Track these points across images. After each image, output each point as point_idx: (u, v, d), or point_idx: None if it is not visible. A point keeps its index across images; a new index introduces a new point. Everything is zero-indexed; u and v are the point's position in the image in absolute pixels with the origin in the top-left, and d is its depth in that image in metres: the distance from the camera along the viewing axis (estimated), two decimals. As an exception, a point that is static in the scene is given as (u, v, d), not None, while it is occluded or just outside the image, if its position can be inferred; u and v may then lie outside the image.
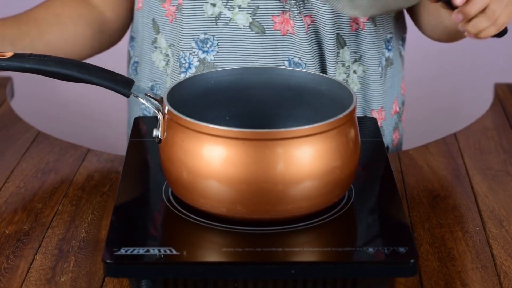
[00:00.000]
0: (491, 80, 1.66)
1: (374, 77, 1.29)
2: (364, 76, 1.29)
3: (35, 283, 0.98)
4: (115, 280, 0.98)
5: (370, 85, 1.29)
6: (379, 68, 1.29)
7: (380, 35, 1.28)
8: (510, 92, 1.52)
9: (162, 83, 1.31)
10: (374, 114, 1.31)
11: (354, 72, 1.28)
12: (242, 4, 1.21)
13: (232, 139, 0.91)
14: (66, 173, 1.22)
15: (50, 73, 0.97)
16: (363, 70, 1.28)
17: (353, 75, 1.28)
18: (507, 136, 1.34)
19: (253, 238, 0.93)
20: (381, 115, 1.32)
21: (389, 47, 1.31)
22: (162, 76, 1.31)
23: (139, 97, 0.99)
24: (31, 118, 1.51)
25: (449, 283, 0.98)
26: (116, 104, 1.97)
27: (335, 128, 0.94)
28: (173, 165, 0.96)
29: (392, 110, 1.36)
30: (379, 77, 1.29)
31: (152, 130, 0.99)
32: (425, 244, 1.05)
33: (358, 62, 1.28)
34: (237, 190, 0.92)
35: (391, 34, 1.31)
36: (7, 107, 1.44)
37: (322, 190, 0.94)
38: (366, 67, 1.28)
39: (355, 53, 1.27)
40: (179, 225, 0.96)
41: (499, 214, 1.12)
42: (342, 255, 0.90)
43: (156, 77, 1.32)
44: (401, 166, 1.24)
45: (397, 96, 1.37)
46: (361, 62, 1.28)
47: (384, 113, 1.33)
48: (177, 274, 0.90)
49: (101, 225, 1.09)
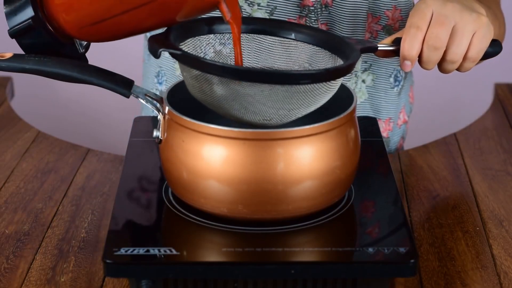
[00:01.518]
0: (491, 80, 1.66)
1: (384, 87, 1.29)
2: (373, 85, 1.28)
3: (35, 283, 0.98)
4: (115, 280, 0.98)
5: (380, 94, 1.29)
6: (390, 79, 1.29)
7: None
8: (510, 92, 1.52)
9: (167, 69, 1.31)
10: (380, 125, 1.30)
11: (363, 81, 1.28)
12: (262, 2, 1.21)
13: (232, 139, 0.91)
14: (66, 173, 1.22)
15: (50, 73, 0.97)
16: (372, 79, 1.28)
17: (361, 84, 1.28)
18: (507, 136, 1.34)
19: (253, 238, 0.93)
20: (388, 126, 1.32)
21: None
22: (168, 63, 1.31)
23: (139, 98, 0.99)
24: (31, 118, 1.51)
25: (449, 283, 0.98)
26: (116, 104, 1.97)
27: (335, 128, 0.94)
28: (173, 166, 0.96)
29: (399, 121, 1.35)
30: (389, 88, 1.29)
31: (152, 130, 0.99)
32: (425, 244, 1.05)
33: (368, 71, 1.27)
34: (237, 190, 0.92)
35: None
36: (7, 107, 1.44)
37: (322, 190, 0.95)
38: (376, 76, 1.28)
39: (365, 62, 1.27)
40: (179, 225, 0.96)
41: (499, 214, 1.12)
42: (342, 255, 0.90)
43: (163, 63, 1.32)
44: (401, 166, 1.24)
45: (405, 105, 1.36)
46: (371, 71, 1.27)
47: (392, 124, 1.33)
48: (177, 274, 0.90)
49: (101, 225, 1.09)
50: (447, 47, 1.02)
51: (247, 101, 0.92)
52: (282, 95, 0.91)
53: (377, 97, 1.29)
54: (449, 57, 1.02)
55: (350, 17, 1.22)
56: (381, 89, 1.29)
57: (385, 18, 1.24)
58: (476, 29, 1.01)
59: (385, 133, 1.32)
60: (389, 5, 1.24)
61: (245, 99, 0.92)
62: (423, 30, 1.00)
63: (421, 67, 1.04)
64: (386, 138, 1.33)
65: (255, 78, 0.89)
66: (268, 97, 0.91)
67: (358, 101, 1.28)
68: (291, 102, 0.92)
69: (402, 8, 1.25)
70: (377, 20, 1.24)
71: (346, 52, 0.98)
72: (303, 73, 0.90)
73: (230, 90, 0.92)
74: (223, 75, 0.90)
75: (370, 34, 1.25)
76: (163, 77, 1.33)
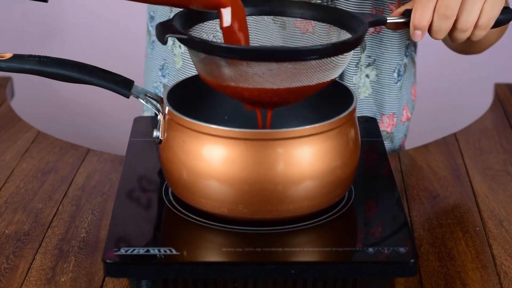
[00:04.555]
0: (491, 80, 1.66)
1: (388, 82, 1.29)
2: (377, 80, 1.28)
3: (35, 283, 0.98)
4: (115, 280, 0.98)
5: (383, 89, 1.29)
6: (393, 74, 1.29)
7: (402, 40, 1.28)
8: (510, 92, 1.52)
9: (170, 62, 1.31)
10: (384, 120, 1.30)
11: (366, 76, 1.28)
12: None
13: (233, 139, 0.91)
14: (66, 173, 1.22)
15: (50, 74, 0.97)
16: (376, 74, 1.28)
17: (365, 79, 1.28)
18: (507, 136, 1.34)
19: (253, 238, 0.93)
20: (392, 121, 1.32)
21: (406, 53, 1.31)
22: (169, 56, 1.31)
23: (139, 98, 0.99)
24: (31, 118, 1.51)
25: (449, 283, 0.98)
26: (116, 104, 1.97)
27: (336, 128, 0.94)
28: (173, 166, 0.96)
29: (403, 117, 1.35)
30: (393, 82, 1.29)
31: (152, 130, 0.99)
32: (425, 244, 1.05)
33: (372, 66, 1.27)
34: (238, 190, 0.92)
35: (409, 40, 1.31)
36: (7, 107, 1.44)
37: (323, 190, 0.95)
38: (379, 71, 1.28)
39: (369, 57, 1.27)
40: (179, 225, 0.96)
41: (499, 214, 1.12)
42: (342, 255, 0.90)
43: (166, 56, 1.32)
44: (401, 166, 1.24)
45: (407, 102, 1.36)
46: (374, 66, 1.27)
47: (396, 120, 1.33)
48: (177, 274, 0.90)
49: (101, 225, 1.09)
50: (457, 16, 1.01)
51: (256, 81, 0.92)
52: (290, 72, 0.91)
53: (381, 92, 1.29)
54: (460, 25, 1.02)
55: (355, 10, 1.21)
56: (385, 84, 1.29)
57: (388, 11, 1.24)
58: None
59: (389, 128, 1.32)
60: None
61: (254, 79, 0.92)
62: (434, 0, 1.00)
63: (431, 37, 1.03)
64: (390, 133, 1.33)
65: (262, 57, 0.89)
66: (277, 76, 0.91)
67: (362, 96, 1.28)
68: (300, 80, 0.92)
69: (405, 2, 1.25)
70: (380, 13, 1.24)
71: (354, 27, 0.98)
72: (311, 49, 0.90)
73: (239, 71, 0.91)
74: (230, 56, 0.90)
75: (373, 29, 1.25)
76: (166, 70, 1.33)
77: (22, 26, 2.27)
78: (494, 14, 1.02)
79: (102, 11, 2.29)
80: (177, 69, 1.31)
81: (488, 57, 2.14)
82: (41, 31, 2.29)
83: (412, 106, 1.38)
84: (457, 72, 2.28)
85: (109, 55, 2.25)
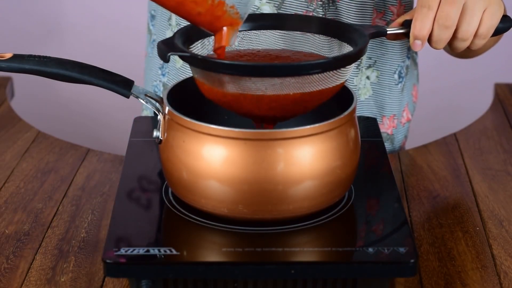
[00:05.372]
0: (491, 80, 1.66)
1: (389, 84, 1.29)
2: (377, 82, 1.28)
3: (35, 283, 0.98)
4: (115, 280, 0.98)
5: (384, 91, 1.29)
6: (394, 75, 1.29)
7: (403, 42, 1.28)
8: (510, 92, 1.52)
9: (170, 61, 1.32)
10: (385, 121, 1.30)
11: (367, 78, 1.28)
12: None
13: (233, 139, 0.91)
14: (66, 173, 1.22)
15: (50, 74, 0.97)
16: (376, 76, 1.28)
17: (365, 80, 1.28)
18: (507, 136, 1.34)
19: (253, 238, 0.93)
20: (392, 123, 1.32)
21: (408, 55, 1.31)
22: None
23: (139, 98, 0.99)
24: (31, 118, 1.51)
25: (449, 283, 0.98)
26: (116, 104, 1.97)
27: (335, 128, 0.94)
28: (173, 166, 0.96)
29: (403, 119, 1.35)
30: (394, 84, 1.29)
31: (152, 130, 0.99)
32: (425, 244, 1.05)
33: (373, 67, 1.27)
34: (238, 190, 0.92)
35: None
36: (7, 107, 1.44)
37: (323, 190, 0.95)
38: (380, 73, 1.28)
39: (370, 58, 1.27)
40: (179, 225, 0.96)
41: (499, 214, 1.12)
42: (342, 255, 0.90)
43: None
44: (401, 166, 1.24)
45: (408, 103, 1.36)
46: (375, 67, 1.27)
47: (396, 121, 1.33)
48: (177, 274, 0.90)
49: (101, 225, 1.09)
50: (457, 26, 1.01)
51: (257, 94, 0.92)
52: (293, 86, 0.91)
53: (381, 94, 1.29)
54: (460, 35, 1.02)
55: (356, 12, 1.22)
56: (385, 86, 1.29)
57: (389, 13, 1.24)
58: (486, 5, 1.01)
59: (390, 130, 1.32)
60: (394, 1, 1.24)
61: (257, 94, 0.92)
62: (434, 9, 1.00)
63: (431, 47, 1.04)
64: (390, 135, 1.33)
65: (265, 72, 0.90)
66: (280, 90, 0.91)
67: (363, 98, 1.29)
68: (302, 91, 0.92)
69: (406, 4, 1.26)
70: (381, 15, 1.24)
71: (355, 39, 0.98)
72: (313, 63, 0.90)
73: (242, 87, 0.92)
74: (232, 72, 0.90)
75: None
76: (166, 68, 1.33)
77: (22, 26, 2.27)
78: (494, 23, 1.03)
79: (102, 11, 2.29)
80: (177, 68, 1.31)
81: (488, 57, 2.15)
82: (41, 31, 2.29)
83: (413, 107, 1.38)
84: (457, 72, 2.28)
85: (109, 55, 2.25)
